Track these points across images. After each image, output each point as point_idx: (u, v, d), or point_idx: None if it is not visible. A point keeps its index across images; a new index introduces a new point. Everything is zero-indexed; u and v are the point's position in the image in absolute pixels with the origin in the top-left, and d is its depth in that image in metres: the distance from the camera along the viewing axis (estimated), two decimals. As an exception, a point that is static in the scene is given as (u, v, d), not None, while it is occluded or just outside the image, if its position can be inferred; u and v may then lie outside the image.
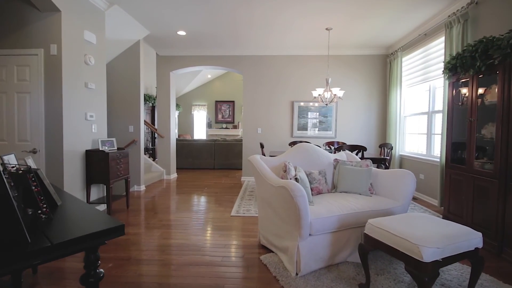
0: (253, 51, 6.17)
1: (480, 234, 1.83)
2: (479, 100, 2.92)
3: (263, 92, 6.29)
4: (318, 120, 6.26)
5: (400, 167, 5.46)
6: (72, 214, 1.43)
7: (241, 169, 7.56)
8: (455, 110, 3.32)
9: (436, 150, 4.56)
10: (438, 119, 4.47)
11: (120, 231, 1.18)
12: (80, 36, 3.49)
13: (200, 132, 12.23)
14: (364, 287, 2.01)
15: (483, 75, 2.85)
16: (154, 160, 7.29)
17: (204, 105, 12.02)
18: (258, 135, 6.34)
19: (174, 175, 6.70)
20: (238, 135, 11.37)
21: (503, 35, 2.58)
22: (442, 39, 4.20)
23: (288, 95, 6.27)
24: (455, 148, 3.33)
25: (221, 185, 5.85)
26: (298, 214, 2.12)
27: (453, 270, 2.31)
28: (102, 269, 1.27)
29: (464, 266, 2.36)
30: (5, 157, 1.60)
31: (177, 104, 11.27)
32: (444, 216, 3.34)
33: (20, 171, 1.22)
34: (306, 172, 2.82)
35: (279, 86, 6.27)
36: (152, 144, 8.87)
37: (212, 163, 8.01)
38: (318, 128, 6.27)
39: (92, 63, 3.65)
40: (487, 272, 2.27)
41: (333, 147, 5.16)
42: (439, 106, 4.50)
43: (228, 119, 11.99)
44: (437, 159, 4.33)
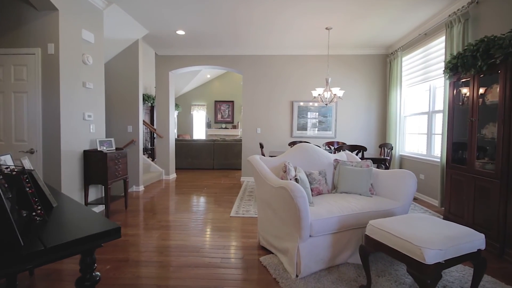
0: (252, 50, 6.14)
1: (483, 236, 1.81)
2: (480, 100, 2.90)
3: (263, 92, 6.26)
4: (318, 120, 6.23)
5: (400, 167, 5.44)
6: (67, 216, 1.40)
7: (240, 169, 7.53)
8: (455, 110, 3.30)
9: (437, 150, 4.54)
10: (438, 119, 4.45)
11: (116, 233, 1.15)
12: (78, 35, 3.46)
13: (199, 132, 12.20)
14: (365, 289, 1.99)
15: (484, 75, 2.83)
16: (153, 160, 7.26)
17: (204, 105, 11.99)
18: (258, 135, 6.32)
19: (173, 176, 6.67)
20: (238, 135, 11.35)
21: (504, 34, 2.56)
22: (442, 39, 4.18)
23: (287, 95, 6.24)
24: (456, 148, 3.31)
25: (220, 185, 5.82)
26: (298, 215, 2.10)
27: (454, 271, 2.29)
28: (99, 271, 1.24)
29: (466, 268, 2.34)
30: (1, 157, 1.57)
31: (176, 104, 11.24)
32: (445, 217, 3.32)
33: (14, 172, 1.19)
34: (306, 173, 2.79)
35: (279, 86, 6.24)
36: (151, 144, 8.85)
37: (211, 163, 7.98)
38: (318, 128, 6.24)
39: (90, 62, 3.62)
40: (489, 274, 2.24)
41: (333, 147, 5.14)
42: (439, 106, 4.48)
43: (228, 119, 11.96)
44: (437, 159, 4.31)
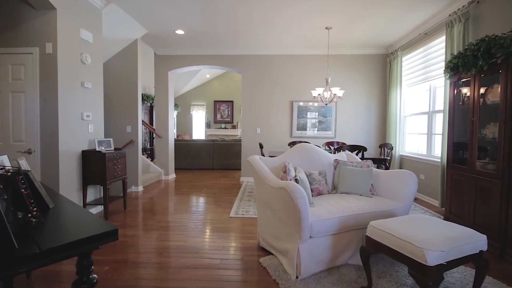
0: (252, 50, 6.12)
1: (485, 237, 1.80)
2: (481, 100, 2.88)
3: (262, 91, 6.24)
4: (318, 120, 6.21)
5: (400, 167, 5.42)
6: (64, 218, 1.37)
7: (240, 169, 7.50)
8: (456, 109, 3.29)
9: (437, 150, 4.53)
10: (439, 119, 4.43)
11: (113, 235, 1.13)
12: (76, 34, 3.44)
13: (198, 132, 12.18)
14: (366, 290, 1.97)
15: (485, 74, 2.82)
16: (152, 161, 7.24)
17: (203, 105, 11.97)
18: (257, 135, 6.30)
19: (173, 176, 6.65)
20: (237, 135, 11.33)
21: (505, 33, 2.55)
22: (442, 38, 4.16)
23: (287, 95, 6.22)
24: (456, 148, 3.29)
25: (219, 185, 5.80)
26: (298, 216, 2.08)
27: (456, 272, 2.27)
28: (97, 272, 1.22)
29: (467, 269, 2.32)
30: (-3, 158, 1.55)
31: (175, 104, 11.22)
32: (445, 217, 3.31)
33: (9, 173, 1.17)
34: (306, 173, 2.77)
35: (279, 85, 6.22)
36: (150, 144, 8.82)
37: (210, 163, 7.96)
38: (318, 128, 6.23)
39: (88, 62, 3.59)
40: (490, 275, 2.23)
41: (332, 147, 5.12)
42: (439, 106, 4.46)
43: (227, 119, 11.94)
44: (437, 159, 4.30)
